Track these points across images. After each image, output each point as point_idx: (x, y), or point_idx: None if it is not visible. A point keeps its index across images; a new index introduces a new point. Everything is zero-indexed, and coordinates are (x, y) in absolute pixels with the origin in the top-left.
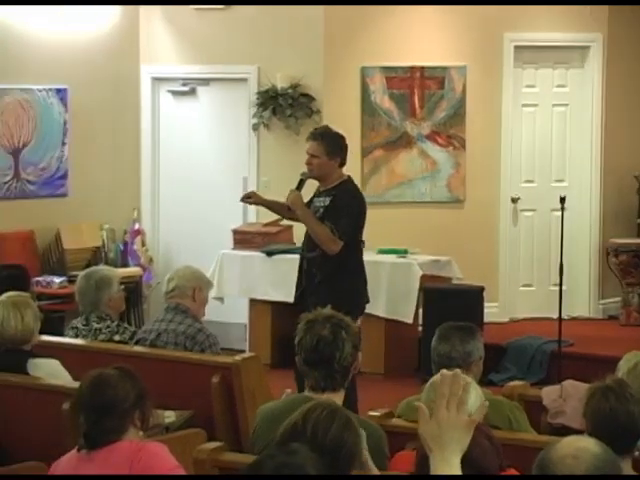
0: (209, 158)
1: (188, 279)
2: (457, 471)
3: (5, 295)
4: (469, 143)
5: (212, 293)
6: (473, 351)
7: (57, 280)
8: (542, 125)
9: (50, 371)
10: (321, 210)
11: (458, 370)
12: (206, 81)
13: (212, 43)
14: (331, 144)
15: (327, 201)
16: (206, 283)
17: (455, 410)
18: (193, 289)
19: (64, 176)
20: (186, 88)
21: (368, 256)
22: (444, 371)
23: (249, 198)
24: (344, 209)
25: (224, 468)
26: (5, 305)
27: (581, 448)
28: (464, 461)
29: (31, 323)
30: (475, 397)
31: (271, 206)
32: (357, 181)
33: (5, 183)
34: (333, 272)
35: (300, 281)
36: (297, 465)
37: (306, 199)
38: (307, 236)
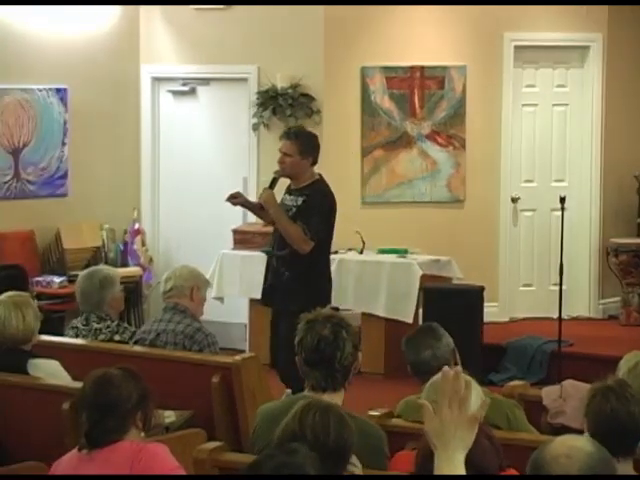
0: (209, 158)
1: (186, 278)
2: (461, 468)
3: (5, 295)
4: (469, 143)
5: (212, 293)
6: (449, 342)
7: (57, 280)
8: (542, 125)
9: (50, 372)
10: (293, 209)
11: (459, 367)
12: (206, 81)
13: (212, 43)
14: (304, 143)
15: (299, 200)
16: (204, 282)
17: (457, 408)
18: (191, 288)
19: (64, 176)
20: (186, 88)
21: (368, 256)
22: (446, 368)
23: (235, 198)
24: (316, 209)
25: (224, 468)
26: (6, 305)
27: (574, 447)
28: (465, 461)
29: (32, 323)
30: (475, 396)
31: (252, 209)
32: (357, 181)
33: (5, 183)
34: (302, 271)
35: (267, 278)
36: (297, 465)
37: (278, 197)
38: (277, 234)
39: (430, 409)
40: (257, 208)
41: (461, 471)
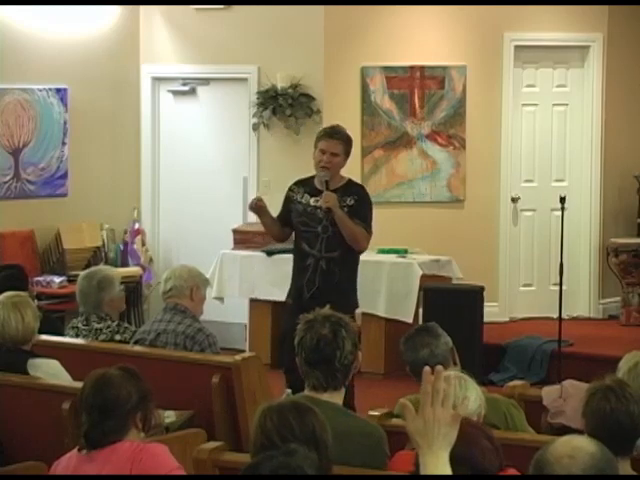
0: (209, 158)
1: (185, 279)
2: (446, 466)
3: (4, 295)
4: (469, 143)
5: (212, 293)
6: (447, 341)
7: (57, 280)
8: (542, 125)
9: (50, 371)
10: (344, 209)
11: (440, 367)
12: (206, 81)
13: (212, 43)
14: (348, 144)
15: (350, 200)
16: (203, 281)
17: (440, 406)
18: (190, 288)
19: (64, 176)
20: (186, 88)
21: (368, 256)
22: (426, 368)
23: (260, 201)
24: (367, 206)
25: (224, 468)
26: (5, 306)
27: (577, 448)
28: (464, 461)
29: (32, 323)
30: (475, 396)
31: (265, 220)
32: (357, 181)
33: (5, 183)
34: (351, 272)
35: (312, 282)
36: (296, 465)
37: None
38: (325, 236)
39: (412, 409)
40: (276, 224)
41: (448, 469)
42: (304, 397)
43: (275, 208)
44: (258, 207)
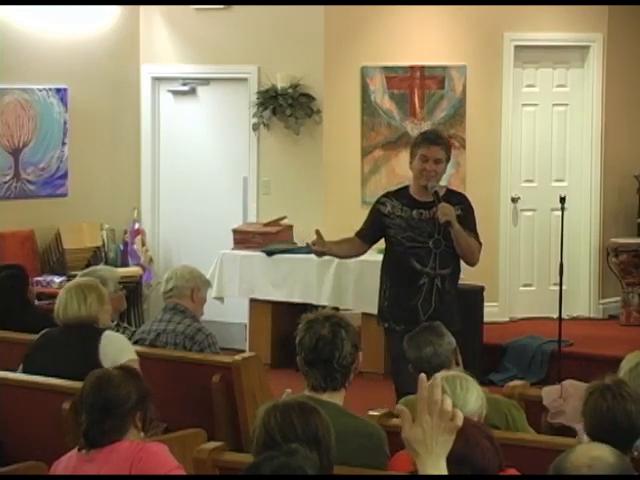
0: (209, 158)
1: (186, 279)
2: (445, 472)
3: (74, 280)
4: (469, 143)
5: (212, 293)
6: (451, 341)
7: (57, 280)
8: (542, 125)
9: (121, 346)
10: None
11: (438, 376)
12: (206, 81)
13: (212, 43)
14: (450, 149)
15: (457, 210)
16: (204, 282)
17: (438, 416)
18: (191, 289)
19: (64, 176)
20: (186, 88)
21: (369, 256)
22: (422, 375)
23: (322, 246)
24: (473, 216)
25: (224, 468)
26: (69, 289)
27: (597, 458)
28: (464, 461)
29: (94, 306)
30: (476, 397)
31: (333, 251)
32: (357, 181)
33: (5, 183)
34: (456, 289)
35: (429, 302)
36: (297, 466)
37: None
38: (439, 251)
39: (409, 416)
40: (344, 247)
41: (445, 473)
42: (304, 397)
43: (275, 209)
44: (320, 253)
